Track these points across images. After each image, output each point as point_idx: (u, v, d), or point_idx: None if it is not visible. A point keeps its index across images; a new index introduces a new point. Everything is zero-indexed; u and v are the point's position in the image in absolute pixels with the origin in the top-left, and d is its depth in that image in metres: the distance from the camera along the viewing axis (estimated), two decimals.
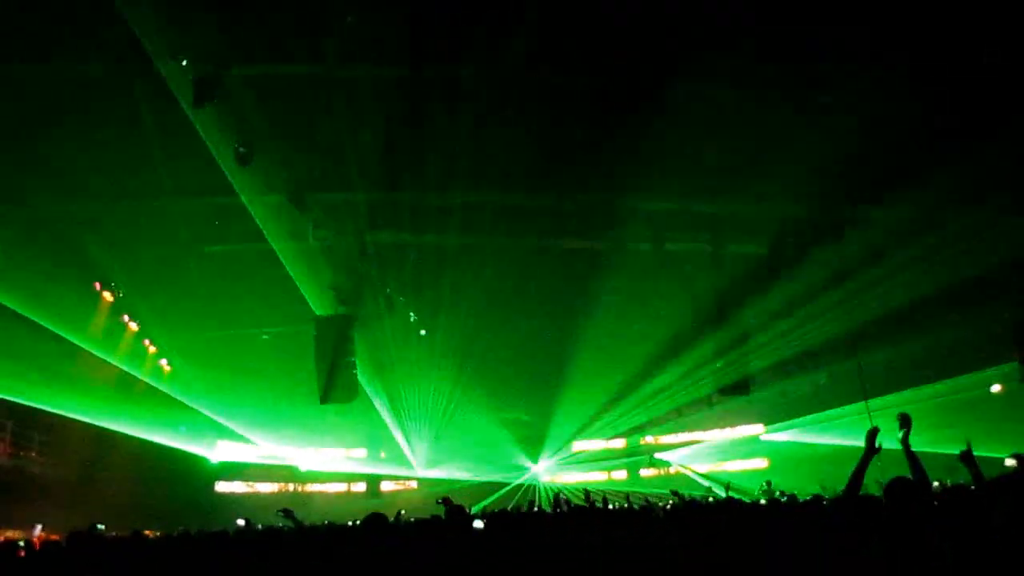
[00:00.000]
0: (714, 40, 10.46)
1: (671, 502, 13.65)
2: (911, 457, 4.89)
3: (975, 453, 5.38)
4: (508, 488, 34.08)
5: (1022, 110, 11.20)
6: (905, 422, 5.01)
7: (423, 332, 22.02)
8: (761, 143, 13.18)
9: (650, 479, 35.36)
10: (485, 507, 25.05)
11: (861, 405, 20.63)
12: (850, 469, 4.84)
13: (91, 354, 18.20)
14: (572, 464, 35.67)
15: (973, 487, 5.12)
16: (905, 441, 4.96)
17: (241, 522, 10.53)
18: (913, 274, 15.90)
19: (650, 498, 16.36)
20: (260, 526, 16.72)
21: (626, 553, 6.36)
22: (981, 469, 5.30)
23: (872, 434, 4.93)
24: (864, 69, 10.95)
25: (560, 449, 34.54)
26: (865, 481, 4.87)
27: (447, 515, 6.39)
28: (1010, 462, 5.11)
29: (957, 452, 5.49)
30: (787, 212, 15.93)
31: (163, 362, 20.76)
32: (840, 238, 16.01)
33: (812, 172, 13.35)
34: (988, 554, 3.86)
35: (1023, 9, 9.72)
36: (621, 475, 35.93)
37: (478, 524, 6.56)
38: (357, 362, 15.02)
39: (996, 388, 25.07)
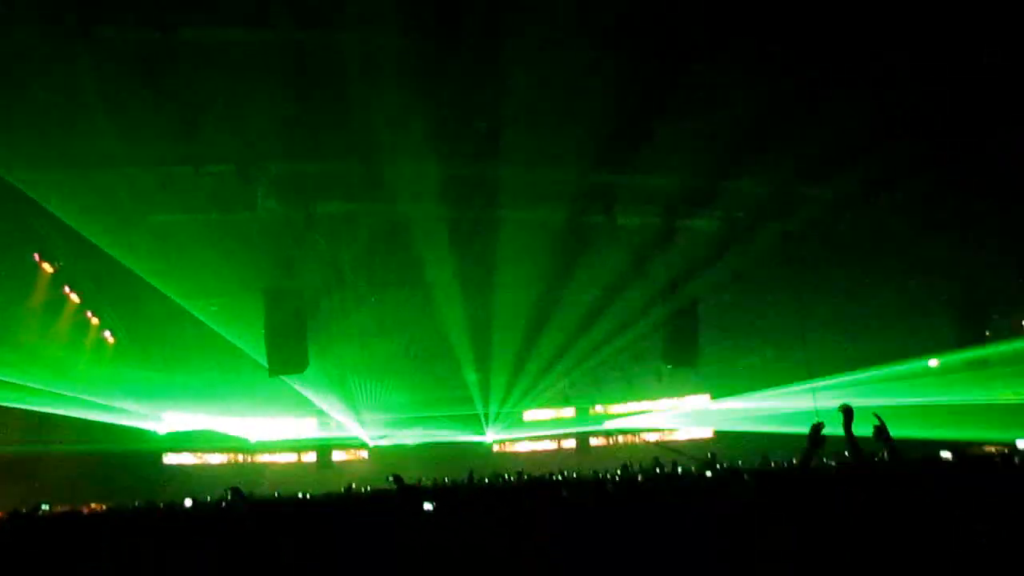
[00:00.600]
0: None
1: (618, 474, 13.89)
2: (852, 444, 5.08)
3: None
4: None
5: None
6: (847, 414, 5.16)
7: (373, 300, 21.94)
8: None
9: (599, 448, 35.90)
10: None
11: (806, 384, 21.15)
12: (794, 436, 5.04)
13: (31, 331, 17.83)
14: (522, 431, 36.02)
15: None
16: (847, 429, 5.12)
17: (189, 502, 10.43)
18: (857, 254, 16.38)
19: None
20: (208, 498, 16.64)
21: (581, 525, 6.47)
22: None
23: (816, 429, 5.11)
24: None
25: (510, 418, 34.81)
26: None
27: (398, 494, 6.40)
28: (945, 454, 5.34)
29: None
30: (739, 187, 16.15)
31: (107, 334, 20.33)
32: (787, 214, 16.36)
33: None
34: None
35: None
36: (571, 444, 36.38)
37: (428, 506, 6.59)
38: (308, 334, 14.89)
39: (933, 363, 25.96)
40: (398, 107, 12.57)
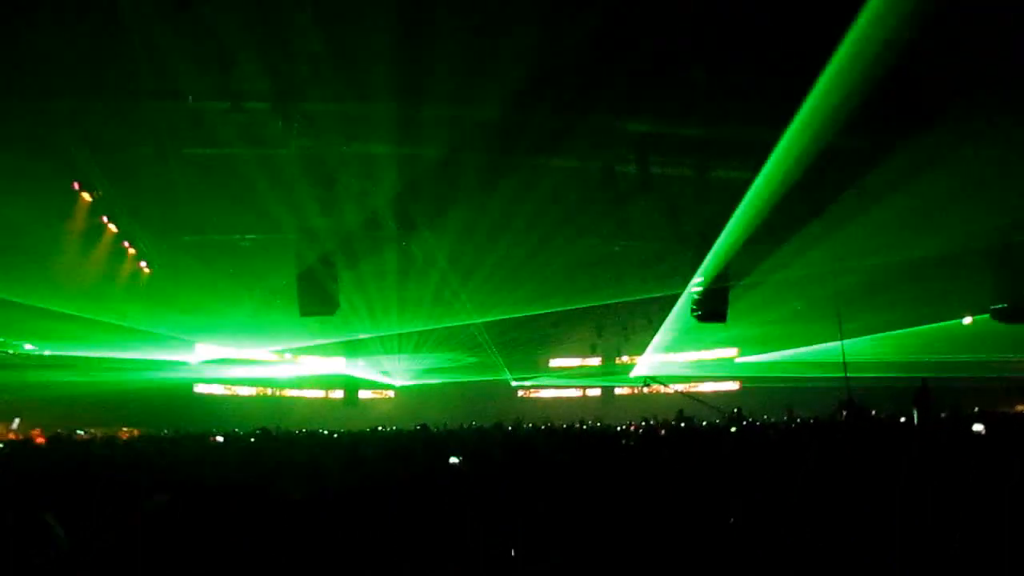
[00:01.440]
0: None
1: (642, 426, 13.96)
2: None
3: None
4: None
5: None
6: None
7: (404, 244, 21.99)
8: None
9: (624, 396, 36.05)
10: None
11: (837, 346, 20.96)
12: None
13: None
14: (548, 380, 36.27)
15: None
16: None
17: (220, 439, 10.72)
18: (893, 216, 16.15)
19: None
20: (237, 430, 16.97)
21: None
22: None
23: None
24: None
25: (537, 365, 35.05)
26: None
27: (423, 446, 6.44)
28: (977, 427, 5.42)
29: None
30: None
31: (143, 264, 20.61)
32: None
33: None
34: None
35: None
36: (595, 393, 36.62)
37: (454, 460, 6.68)
38: (339, 275, 14.95)
39: (967, 320, 25.93)
40: (436, 48, 12.44)
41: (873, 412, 19.60)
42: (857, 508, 4.74)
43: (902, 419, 17.38)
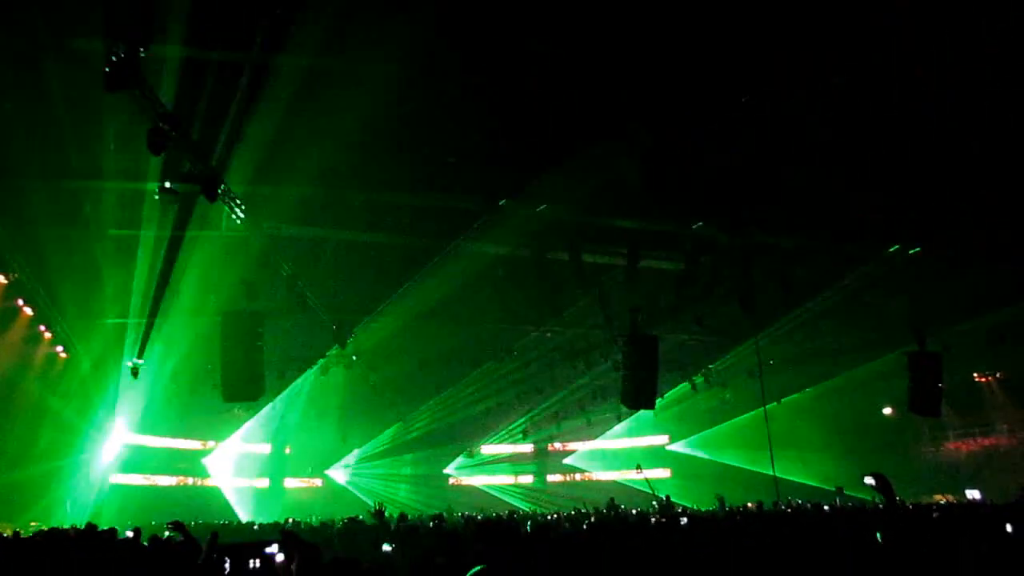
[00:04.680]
0: None
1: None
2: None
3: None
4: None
5: None
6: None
7: (334, 327, 21.76)
8: None
9: (556, 483, 35.78)
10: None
11: (759, 412, 21.37)
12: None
13: None
14: (481, 466, 35.85)
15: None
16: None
17: (130, 534, 10.19)
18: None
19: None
20: (153, 523, 16.10)
21: None
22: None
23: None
24: None
25: (469, 452, 34.70)
26: None
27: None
28: (869, 480, 5.59)
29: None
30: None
31: (59, 349, 19.85)
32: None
33: None
34: None
35: None
36: (528, 479, 36.23)
37: (386, 548, 6.55)
38: (265, 360, 14.62)
39: (888, 411, 26.54)
40: (365, 134, 12.57)
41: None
42: None
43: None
